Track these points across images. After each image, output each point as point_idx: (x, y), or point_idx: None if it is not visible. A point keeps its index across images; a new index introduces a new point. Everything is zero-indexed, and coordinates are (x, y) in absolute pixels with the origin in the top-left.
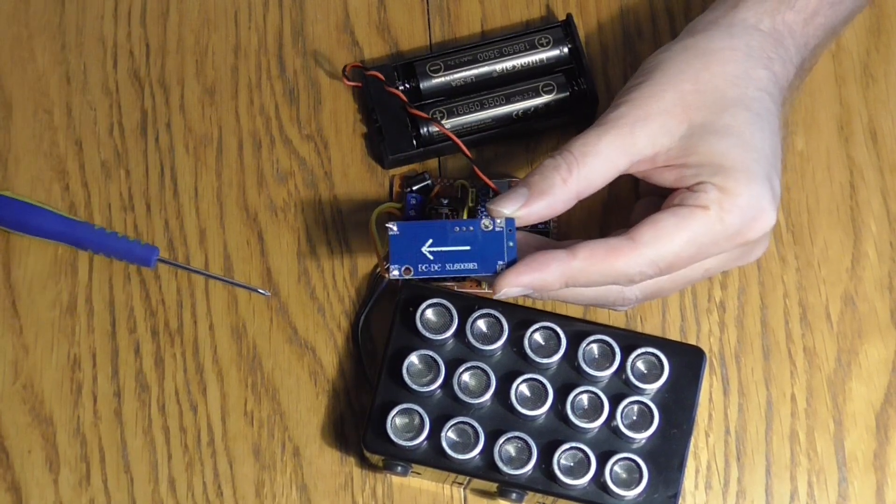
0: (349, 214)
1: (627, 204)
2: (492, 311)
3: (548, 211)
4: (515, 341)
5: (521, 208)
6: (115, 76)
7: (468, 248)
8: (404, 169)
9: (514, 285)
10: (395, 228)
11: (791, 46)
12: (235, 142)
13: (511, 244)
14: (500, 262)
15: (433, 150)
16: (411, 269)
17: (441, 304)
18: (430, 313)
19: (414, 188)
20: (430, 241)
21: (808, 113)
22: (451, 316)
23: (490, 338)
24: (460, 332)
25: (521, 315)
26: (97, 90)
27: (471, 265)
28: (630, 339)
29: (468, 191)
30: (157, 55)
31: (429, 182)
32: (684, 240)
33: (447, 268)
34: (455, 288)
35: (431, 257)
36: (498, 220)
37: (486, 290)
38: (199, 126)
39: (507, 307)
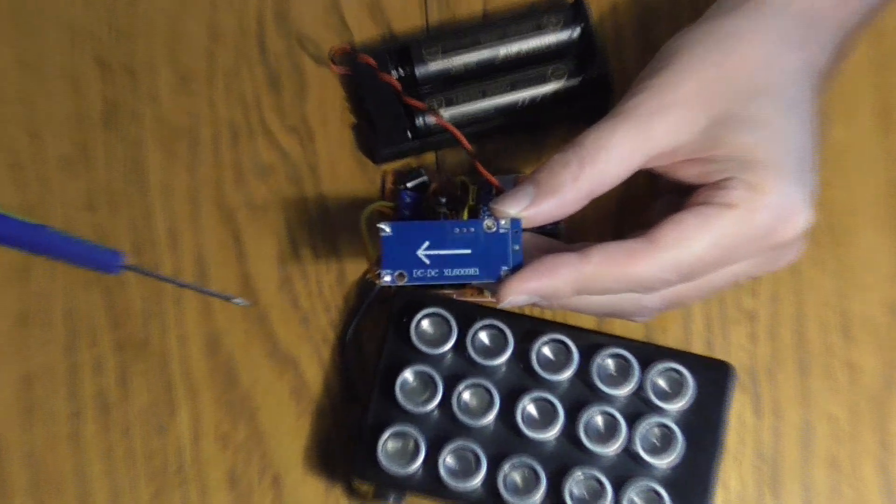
0: (337, 214)
1: (645, 202)
2: (495, 322)
3: (557, 211)
4: (521, 355)
5: (528, 208)
6: (77, 61)
7: (469, 251)
8: (398, 164)
9: (519, 293)
10: (387, 229)
11: (825, 29)
12: (211, 133)
13: (516, 247)
14: (505, 268)
15: (430, 143)
16: (405, 274)
17: (439, 315)
18: (426, 324)
19: (409, 185)
20: (427, 243)
21: (846, 101)
22: (450, 327)
23: (493, 352)
24: (460, 346)
25: (528, 326)
26: (56, 77)
27: (471, 270)
28: (649, 353)
29: (469, 188)
30: (124, 38)
31: (425, 178)
32: (709, 242)
33: (445, 273)
34: (454, 296)
35: (428, 262)
36: (502, 221)
37: (489, 299)
38: (171, 116)
39: (512, 318)
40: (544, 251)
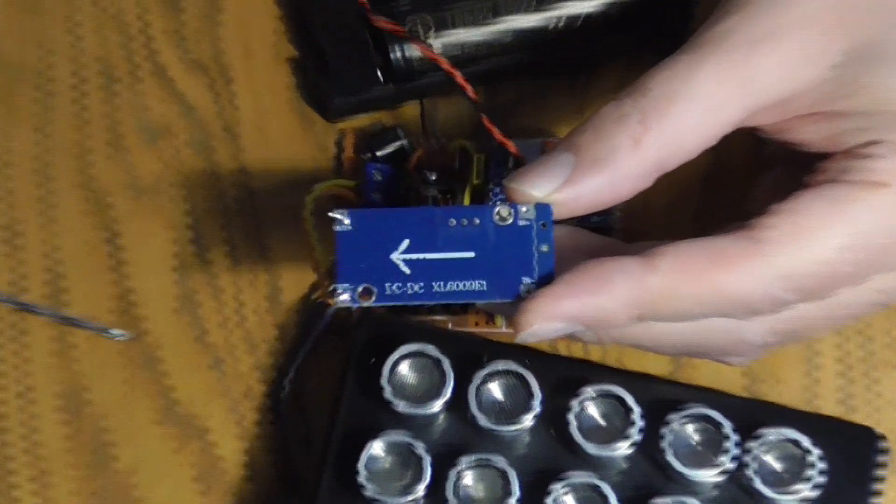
0: (267, 198)
1: (742, 180)
2: (512, 367)
3: (608, 192)
4: (553, 417)
5: (563, 187)
6: None
7: (471, 254)
8: (362, 121)
9: (550, 318)
10: (345, 221)
11: None
12: (71, 75)
13: (545, 248)
14: (527, 280)
15: (411, 90)
16: (373, 290)
17: (425, 354)
18: (406, 370)
19: (378, 154)
20: (407, 242)
21: None
22: (443, 374)
23: (509, 412)
24: (458, 402)
25: (563, 372)
26: None
27: (476, 284)
28: (753, 415)
29: (472, 158)
30: None
31: (404, 143)
32: (842, 240)
33: (435, 289)
34: (449, 325)
35: (408, 270)
36: (523, 208)
37: (504, 330)
38: (8, 50)
39: (539, 359)
40: (588, 254)
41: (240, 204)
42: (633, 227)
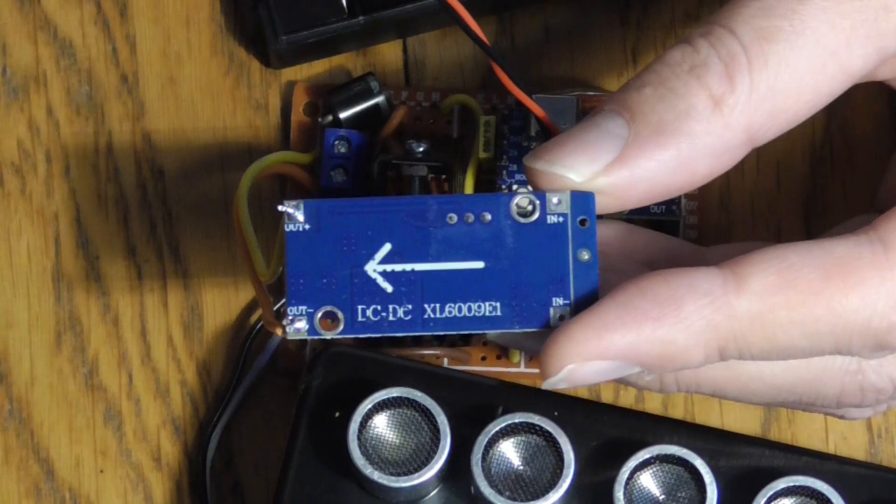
0: (182, 181)
1: (872, 159)
2: (535, 421)
3: (678, 175)
4: (592, 492)
5: (613, 168)
6: None
7: (480, 264)
8: (319, 68)
9: (593, 357)
10: (299, 216)
11: None
12: None
13: (586, 255)
14: (560, 300)
15: (388, 22)
16: (339, 315)
17: (409, 403)
18: (382, 425)
19: (342, 115)
20: (388, 246)
21: None
22: (436, 430)
23: (530, 484)
24: (455, 471)
25: (607, 427)
26: None
27: (486, 307)
28: (873, 488)
29: (477, 121)
30: None
31: (378, 100)
32: None
33: (427, 314)
34: (444, 362)
35: (389, 287)
36: (553, 199)
37: (522, 368)
38: None
39: (572, 409)
40: (646, 263)
41: (142, 189)
42: (710, 224)
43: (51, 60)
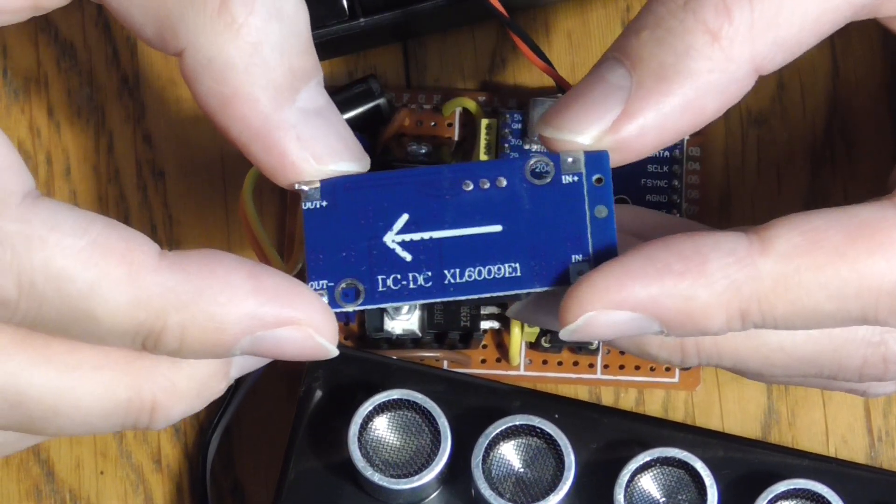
0: (183, 181)
1: (869, 162)
2: (535, 423)
3: (687, 116)
4: (593, 493)
5: (620, 123)
6: None
7: (497, 227)
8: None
9: (613, 304)
10: (315, 194)
11: None
12: None
13: (603, 211)
14: (578, 256)
15: (388, 23)
16: (360, 287)
17: (410, 405)
18: (382, 427)
19: (343, 116)
20: (405, 217)
21: None
22: (437, 432)
23: (531, 486)
24: (456, 473)
25: (608, 429)
26: None
27: (506, 269)
28: (870, 489)
29: (479, 124)
30: None
31: (379, 102)
32: None
33: (447, 279)
34: (444, 364)
35: (408, 256)
36: (568, 159)
37: (522, 371)
38: None
39: (573, 411)
40: (666, 227)
41: (143, 191)
42: (710, 225)
43: (52, 62)
